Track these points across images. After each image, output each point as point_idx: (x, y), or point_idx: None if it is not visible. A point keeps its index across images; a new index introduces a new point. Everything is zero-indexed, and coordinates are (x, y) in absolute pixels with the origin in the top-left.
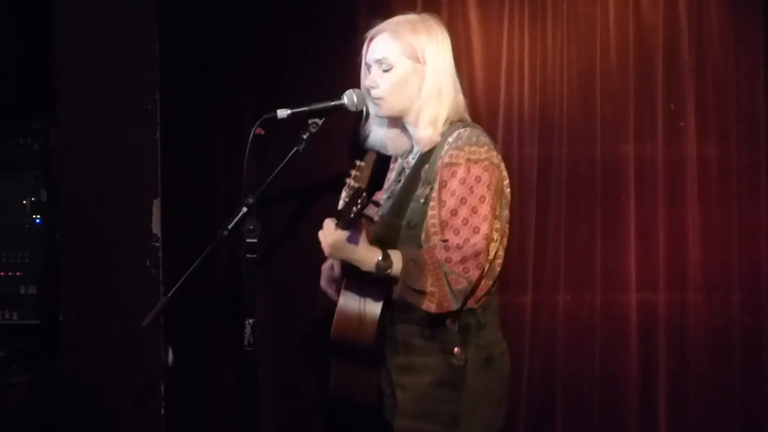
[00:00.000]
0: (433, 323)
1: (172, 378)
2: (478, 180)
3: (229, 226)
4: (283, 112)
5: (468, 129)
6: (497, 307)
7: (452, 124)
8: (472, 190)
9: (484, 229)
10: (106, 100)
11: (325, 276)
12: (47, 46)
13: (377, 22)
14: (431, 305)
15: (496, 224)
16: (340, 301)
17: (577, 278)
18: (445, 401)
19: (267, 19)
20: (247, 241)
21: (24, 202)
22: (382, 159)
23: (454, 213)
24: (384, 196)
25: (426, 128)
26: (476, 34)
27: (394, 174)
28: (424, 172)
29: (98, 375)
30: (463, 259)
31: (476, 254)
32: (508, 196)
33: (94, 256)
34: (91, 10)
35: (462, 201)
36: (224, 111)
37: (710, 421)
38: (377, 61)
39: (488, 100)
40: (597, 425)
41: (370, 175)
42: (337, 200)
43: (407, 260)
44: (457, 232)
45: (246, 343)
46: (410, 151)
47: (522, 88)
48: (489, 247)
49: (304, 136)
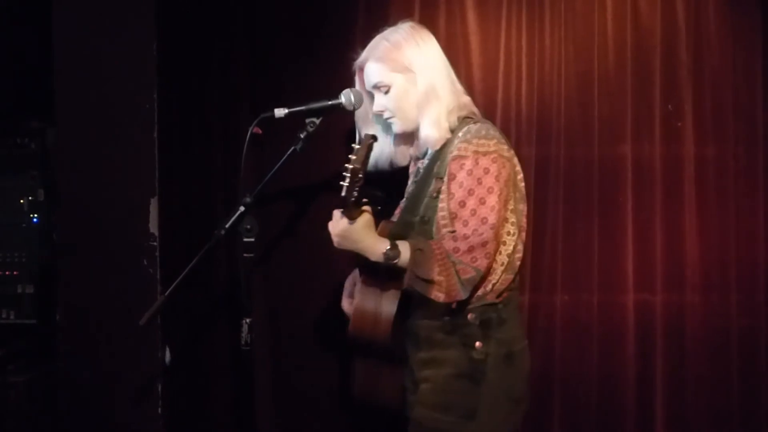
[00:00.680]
0: (454, 317)
1: (170, 377)
2: (487, 171)
3: (227, 226)
4: (280, 112)
5: (479, 124)
6: (518, 304)
7: (463, 120)
8: (480, 182)
9: (492, 219)
10: (104, 100)
11: (347, 294)
12: (45, 46)
13: (359, 52)
14: (440, 294)
15: (512, 218)
16: (357, 298)
17: (574, 278)
18: (464, 394)
19: (265, 18)
20: (245, 240)
21: (21, 202)
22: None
23: (462, 204)
24: (403, 199)
25: (429, 128)
26: (474, 35)
27: (411, 178)
28: (437, 168)
29: (96, 374)
30: (470, 249)
31: (483, 243)
32: (523, 189)
33: (92, 256)
34: (88, 9)
35: (470, 192)
36: (222, 110)
37: (708, 421)
38: (374, 86)
39: (486, 100)
40: (594, 425)
41: (366, 156)
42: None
43: (415, 250)
44: (466, 223)
45: (243, 342)
46: (425, 153)
47: (520, 89)
48: (497, 237)
49: (302, 136)
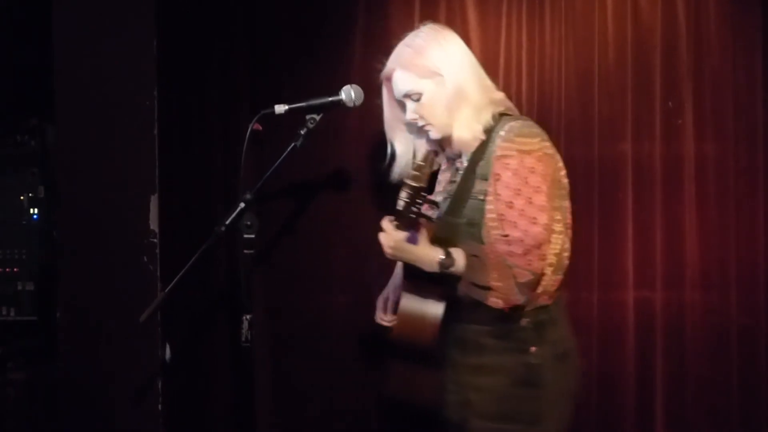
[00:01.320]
0: (505, 322)
1: (170, 374)
2: (532, 170)
3: (227, 222)
4: (280, 108)
5: (519, 121)
6: (565, 302)
7: (501, 118)
8: (526, 181)
9: (543, 219)
10: (104, 97)
11: (380, 307)
12: (45, 44)
13: (383, 61)
14: (498, 300)
15: (557, 215)
16: (402, 302)
17: (574, 276)
18: (526, 400)
19: (265, 18)
20: (245, 237)
21: (21, 199)
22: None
23: (510, 205)
24: (439, 198)
25: (461, 131)
26: (474, 32)
27: (448, 175)
28: (480, 168)
29: (95, 371)
30: (525, 252)
31: (538, 245)
32: (566, 186)
33: (92, 253)
34: (88, 7)
35: (517, 192)
36: (222, 109)
37: (707, 418)
38: (405, 95)
39: None
40: (594, 423)
41: (429, 174)
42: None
43: (470, 256)
44: (515, 224)
45: (243, 339)
46: (460, 153)
47: (520, 87)
48: (550, 238)
49: (302, 132)
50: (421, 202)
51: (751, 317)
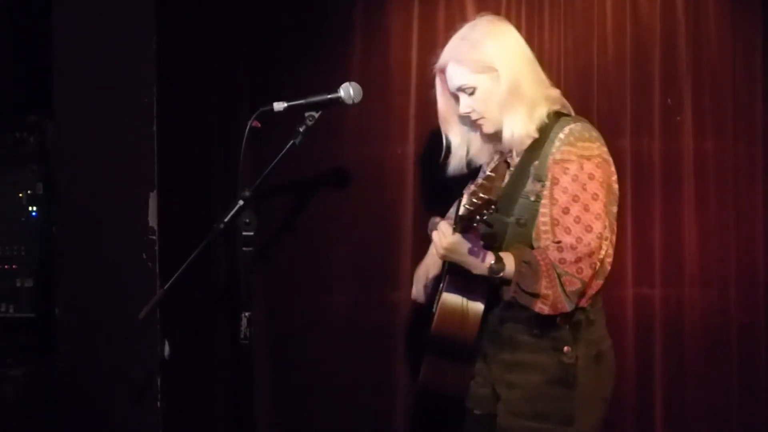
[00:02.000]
0: (542, 321)
1: (169, 371)
2: (591, 177)
3: (226, 219)
4: (279, 105)
5: (579, 123)
6: (603, 303)
7: (557, 117)
8: (584, 188)
9: (597, 227)
10: (103, 94)
11: (421, 281)
12: (44, 40)
13: (438, 53)
14: (544, 307)
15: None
16: (443, 298)
17: None
18: (559, 399)
19: (265, 17)
20: (244, 234)
21: (20, 195)
22: None
23: (566, 211)
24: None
25: (513, 128)
26: None
27: (494, 166)
28: (534, 169)
29: (94, 368)
30: (577, 260)
31: (590, 254)
32: (617, 191)
33: (91, 250)
34: (88, 4)
35: (574, 199)
36: (221, 104)
37: (706, 416)
38: (458, 89)
39: None
40: None
41: (501, 186)
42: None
43: (520, 262)
44: (569, 230)
45: (242, 336)
46: (513, 149)
47: None
48: (602, 246)
49: (301, 129)
50: (486, 213)
51: (750, 315)
